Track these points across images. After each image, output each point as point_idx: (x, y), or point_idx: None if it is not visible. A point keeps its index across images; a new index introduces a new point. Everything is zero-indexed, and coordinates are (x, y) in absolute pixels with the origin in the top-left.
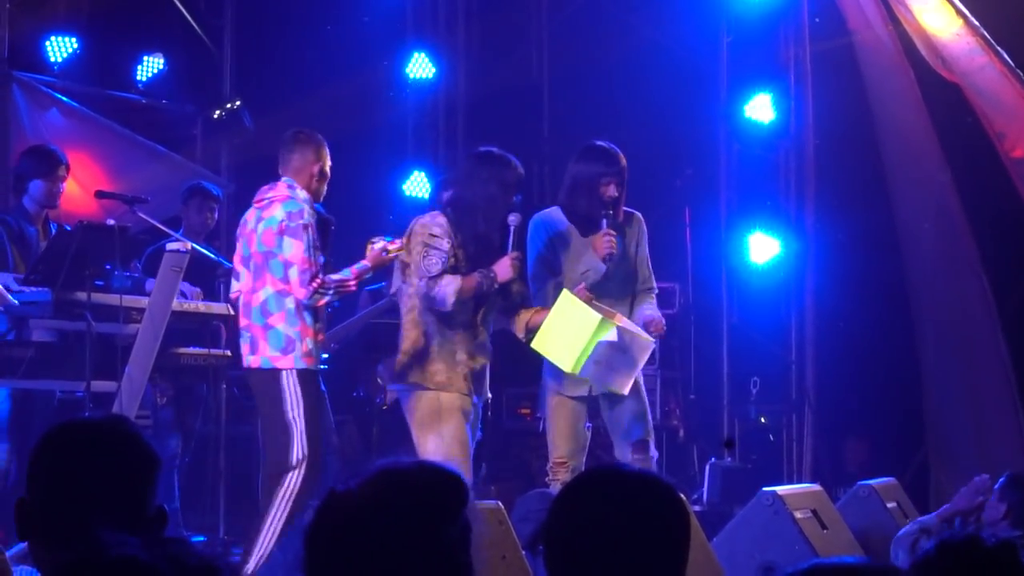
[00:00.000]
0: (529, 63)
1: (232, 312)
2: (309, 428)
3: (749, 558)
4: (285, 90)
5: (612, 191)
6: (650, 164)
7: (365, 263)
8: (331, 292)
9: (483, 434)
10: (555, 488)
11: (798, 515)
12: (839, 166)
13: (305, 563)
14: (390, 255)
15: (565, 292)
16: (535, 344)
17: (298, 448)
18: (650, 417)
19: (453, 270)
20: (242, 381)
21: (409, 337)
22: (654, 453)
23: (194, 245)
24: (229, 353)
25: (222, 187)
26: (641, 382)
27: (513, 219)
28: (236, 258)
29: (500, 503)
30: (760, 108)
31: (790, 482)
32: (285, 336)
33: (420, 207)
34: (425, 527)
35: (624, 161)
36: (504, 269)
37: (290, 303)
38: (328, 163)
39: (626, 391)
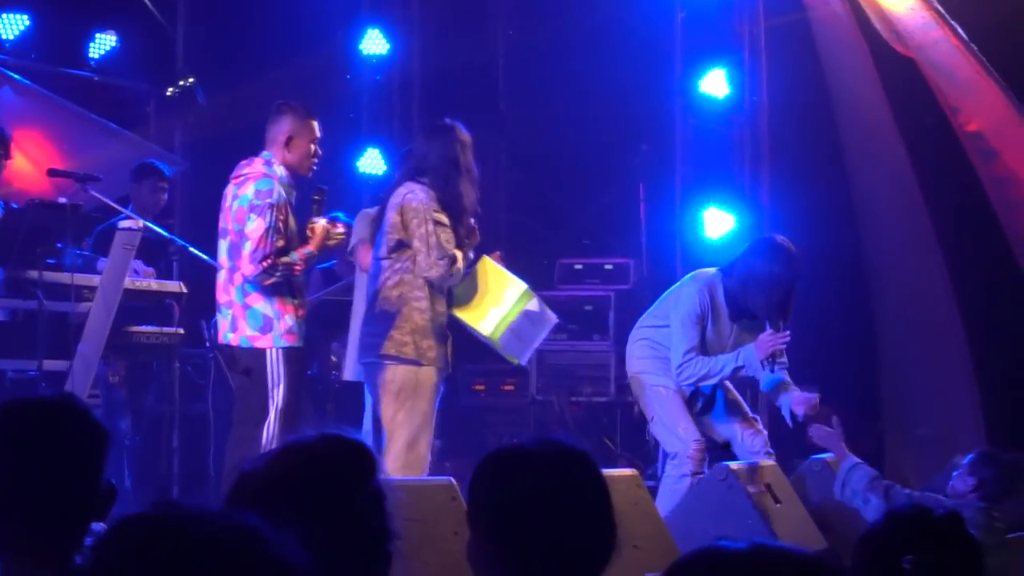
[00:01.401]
0: (484, 38)
1: (184, 290)
2: (287, 407)
3: (703, 532)
4: (239, 67)
5: (785, 296)
6: (605, 139)
7: (310, 248)
8: (278, 274)
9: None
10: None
11: (751, 489)
12: (794, 141)
13: None
14: (333, 240)
15: (486, 259)
16: (456, 311)
17: (272, 427)
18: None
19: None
20: (196, 359)
21: (402, 312)
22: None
23: (146, 223)
24: (182, 331)
25: (176, 165)
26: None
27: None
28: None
29: (453, 479)
30: (715, 83)
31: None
32: (263, 315)
33: (375, 183)
34: (333, 498)
35: (801, 267)
36: (475, 236)
37: None
38: (312, 135)
39: (525, 362)
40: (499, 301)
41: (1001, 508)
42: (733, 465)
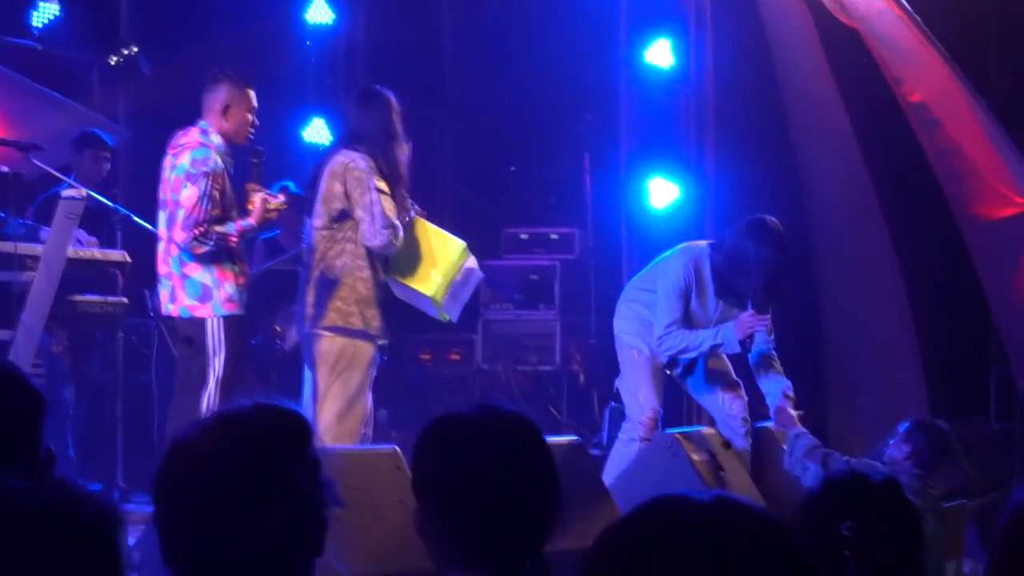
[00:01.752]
0: (429, 7)
1: (128, 260)
2: (227, 376)
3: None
4: (183, 36)
5: (772, 279)
6: (550, 109)
7: (250, 221)
8: (211, 243)
9: (383, 379)
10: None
11: (696, 457)
12: (739, 111)
13: (154, 515)
14: (272, 211)
15: (420, 220)
16: (394, 273)
17: (212, 396)
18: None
19: None
20: (140, 329)
21: (345, 283)
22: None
23: (89, 192)
24: (126, 301)
25: (119, 135)
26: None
27: (417, 210)
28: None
29: (398, 448)
30: (660, 53)
31: (690, 425)
32: (202, 284)
33: (320, 153)
34: (267, 467)
35: (790, 251)
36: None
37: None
38: (249, 104)
39: (456, 319)
40: (439, 262)
41: (935, 476)
42: (678, 433)
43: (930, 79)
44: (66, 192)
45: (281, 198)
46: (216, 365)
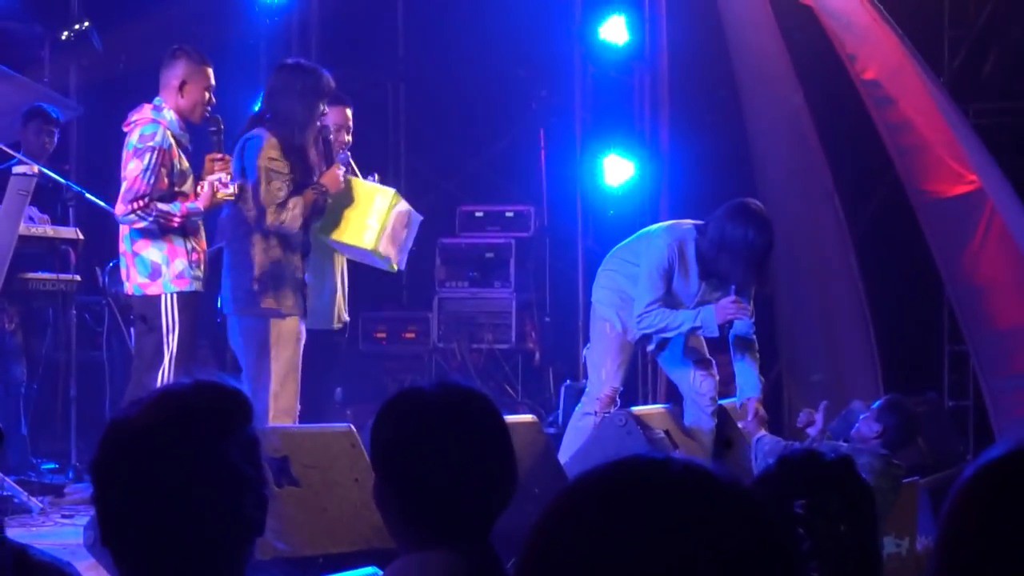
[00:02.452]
0: None
1: (80, 237)
2: (180, 355)
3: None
4: (135, 10)
5: (756, 262)
6: (504, 85)
7: (197, 205)
8: (150, 219)
9: (338, 357)
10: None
11: (650, 435)
12: (694, 88)
13: (94, 496)
14: (220, 198)
15: (348, 177)
16: (323, 231)
17: (166, 373)
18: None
19: (294, 191)
20: (92, 307)
21: (256, 262)
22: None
23: (41, 168)
24: (79, 278)
25: (70, 110)
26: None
27: (343, 157)
28: None
29: (352, 426)
30: (614, 30)
31: (646, 403)
32: (151, 262)
33: None
34: (201, 442)
35: (774, 234)
36: (334, 181)
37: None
38: (207, 81)
39: (403, 266)
40: (370, 212)
41: (900, 455)
42: (633, 410)
43: (883, 56)
44: (17, 168)
45: (231, 188)
46: (170, 342)
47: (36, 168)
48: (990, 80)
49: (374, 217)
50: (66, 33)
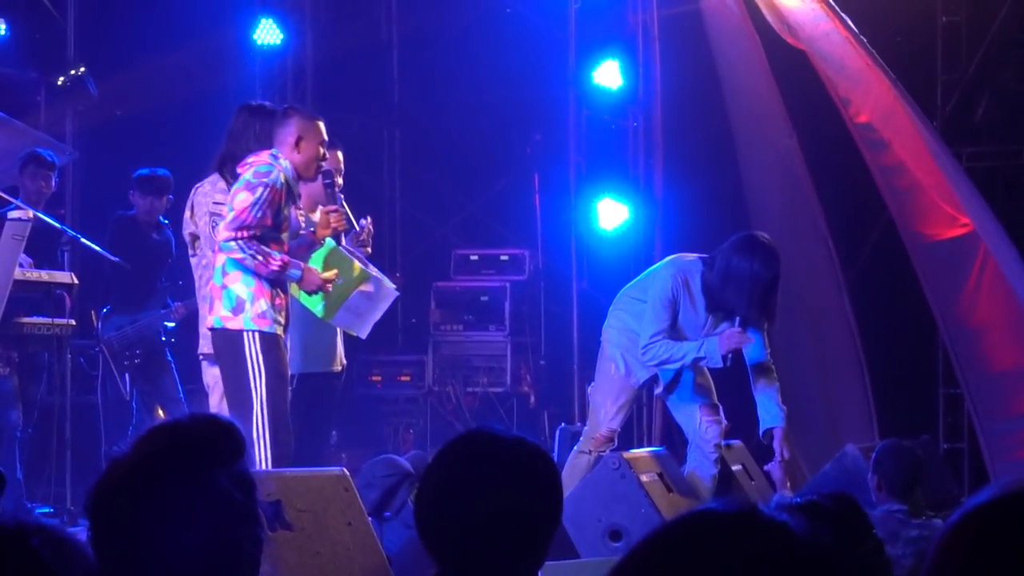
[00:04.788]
0: (378, 28)
1: (75, 281)
2: (272, 400)
3: (595, 520)
4: (130, 56)
5: (762, 294)
6: (499, 129)
7: (297, 272)
8: (249, 252)
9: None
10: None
11: (644, 478)
12: (687, 132)
13: (89, 532)
14: (324, 283)
15: (334, 247)
16: (298, 295)
17: (260, 421)
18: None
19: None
20: (87, 350)
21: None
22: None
23: (36, 213)
24: (73, 322)
25: (66, 154)
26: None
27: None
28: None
29: (346, 470)
30: (608, 74)
31: (640, 446)
32: (237, 296)
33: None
34: (199, 476)
35: (780, 266)
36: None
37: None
38: (320, 137)
39: (365, 335)
40: (336, 285)
41: (914, 497)
42: (626, 454)
43: (876, 100)
44: (12, 213)
45: (332, 273)
46: (258, 386)
47: (31, 213)
48: (982, 124)
49: (337, 290)
50: (62, 79)
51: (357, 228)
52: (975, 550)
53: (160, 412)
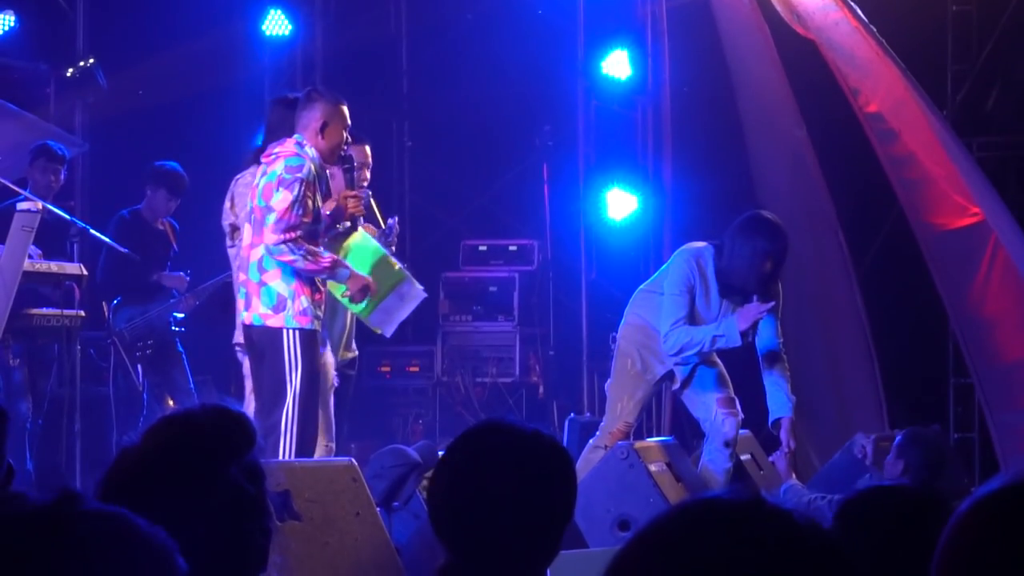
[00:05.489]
0: (387, 19)
1: (85, 272)
2: (305, 394)
3: (604, 511)
4: (140, 48)
5: (770, 268)
6: (508, 120)
7: (346, 271)
8: (300, 253)
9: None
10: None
11: (653, 468)
12: (696, 122)
13: None
14: (368, 285)
15: (365, 236)
16: (336, 291)
17: (290, 414)
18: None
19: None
20: (97, 342)
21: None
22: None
23: (46, 205)
24: (83, 314)
25: (76, 147)
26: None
27: (364, 196)
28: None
29: (354, 460)
30: (617, 64)
31: (649, 436)
32: (278, 294)
33: None
34: (209, 466)
35: (787, 240)
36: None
37: None
38: (345, 121)
39: (390, 334)
40: (376, 283)
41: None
42: (635, 444)
43: (886, 90)
44: (21, 205)
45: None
46: (293, 380)
47: (40, 204)
48: (993, 114)
49: (377, 289)
50: (71, 71)
51: (385, 227)
52: (985, 538)
53: (170, 403)
